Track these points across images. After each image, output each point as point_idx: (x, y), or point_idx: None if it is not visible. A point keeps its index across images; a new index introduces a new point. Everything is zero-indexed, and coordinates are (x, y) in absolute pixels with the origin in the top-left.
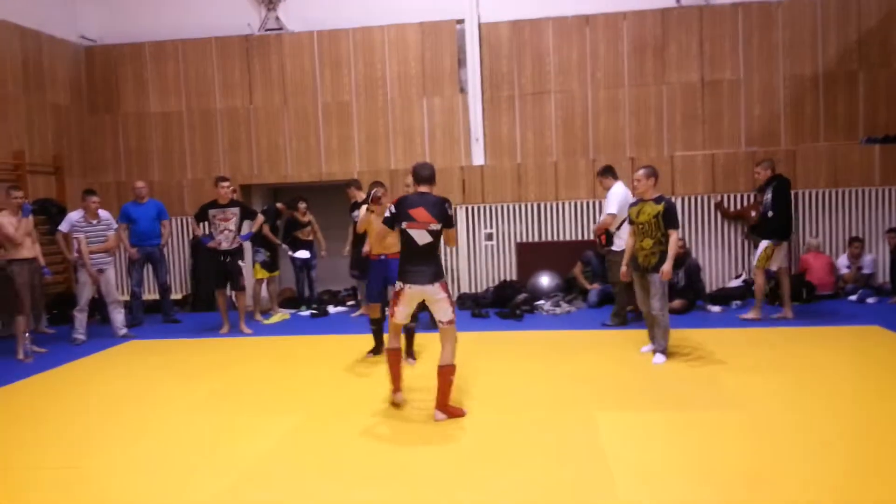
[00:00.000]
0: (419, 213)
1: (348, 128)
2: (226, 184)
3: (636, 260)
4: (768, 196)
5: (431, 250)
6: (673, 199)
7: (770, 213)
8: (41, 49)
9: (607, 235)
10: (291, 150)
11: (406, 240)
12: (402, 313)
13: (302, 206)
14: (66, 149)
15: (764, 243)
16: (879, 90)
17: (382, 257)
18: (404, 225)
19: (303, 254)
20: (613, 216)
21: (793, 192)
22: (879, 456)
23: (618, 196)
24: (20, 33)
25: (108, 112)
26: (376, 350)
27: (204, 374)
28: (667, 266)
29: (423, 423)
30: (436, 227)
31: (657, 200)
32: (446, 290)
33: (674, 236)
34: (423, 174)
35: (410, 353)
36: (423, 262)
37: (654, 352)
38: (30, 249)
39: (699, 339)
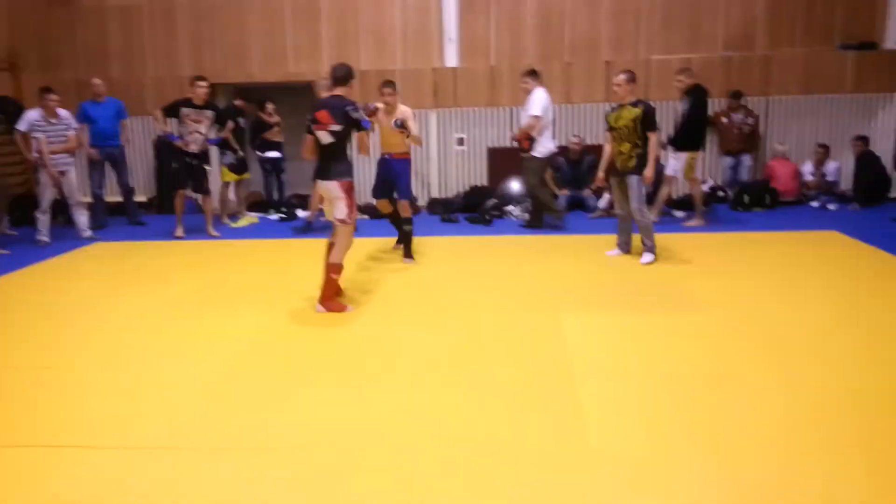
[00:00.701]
0: (322, 115)
1: (316, 25)
2: (203, 83)
3: (613, 165)
4: (686, 106)
5: (333, 150)
6: (652, 104)
7: (688, 123)
8: None
9: (530, 141)
10: (258, 48)
11: (315, 140)
12: (323, 208)
13: (269, 106)
14: (21, 43)
15: (683, 154)
16: None
17: (386, 156)
18: (313, 127)
19: (273, 153)
20: (538, 118)
21: (764, 99)
22: (832, 356)
23: (541, 100)
24: None
25: (66, 5)
26: (399, 239)
27: (171, 276)
28: (648, 170)
29: (395, 324)
30: (336, 127)
31: (634, 104)
32: (345, 191)
33: (653, 139)
34: (335, 76)
35: (408, 254)
36: (325, 161)
37: (643, 252)
38: None
39: (664, 243)
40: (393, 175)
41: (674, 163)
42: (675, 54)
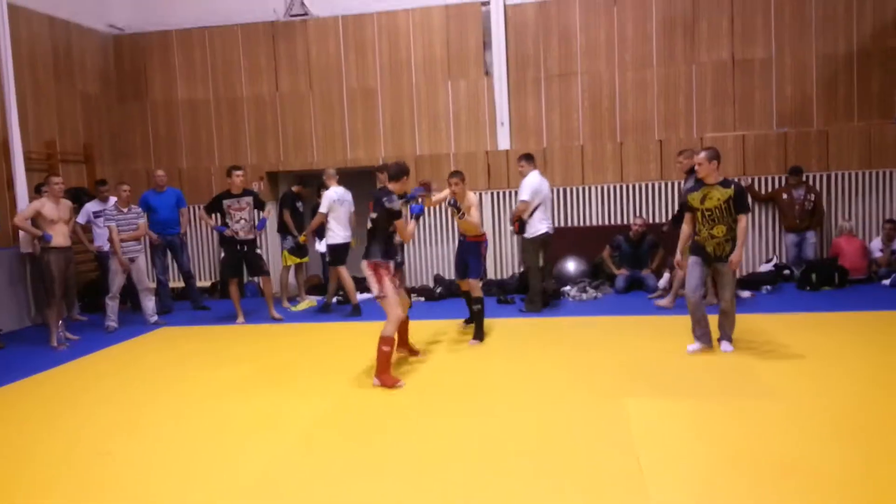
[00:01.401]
0: (370, 204)
1: (373, 113)
2: (239, 172)
3: (703, 249)
4: (689, 184)
5: (372, 233)
6: (742, 183)
7: (676, 212)
8: (70, 39)
9: (520, 223)
10: (317, 136)
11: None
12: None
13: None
14: (95, 137)
15: None
16: None
17: (462, 238)
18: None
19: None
20: (526, 203)
21: (825, 174)
22: None
23: (531, 185)
24: (50, 23)
25: (137, 100)
26: (469, 318)
27: (235, 360)
28: (737, 254)
29: (453, 410)
30: (373, 215)
31: (724, 184)
32: (372, 269)
33: (743, 221)
34: (388, 172)
35: (476, 335)
36: (367, 242)
37: (720, 340)
38: (65, 238)
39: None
40: (466, 255)
41: None
42: (728, 132)
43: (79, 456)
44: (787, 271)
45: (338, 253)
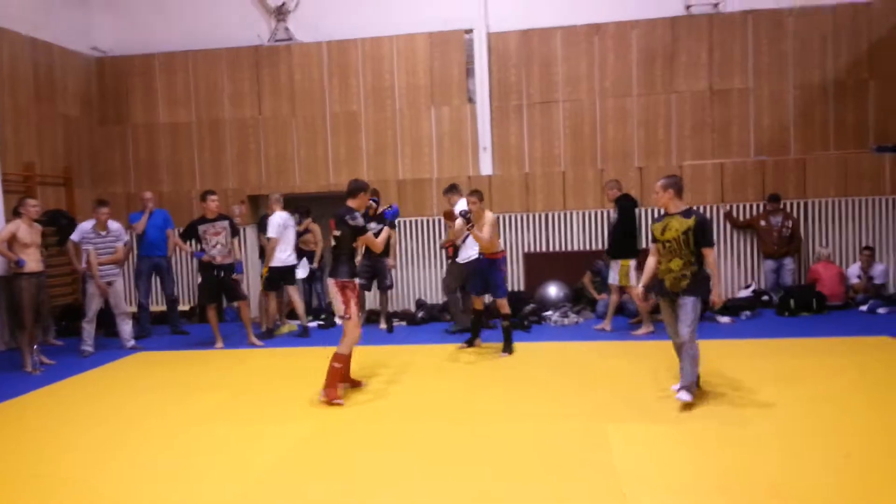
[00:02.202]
0: (331, 223)
1: (356, 137)
2: (214, 197)
3: (662, 284)
4: (615, 214)
5: (337, 252)
6: (704, 213)
7: (618, 232)
8: (53, 60)
9: (454, 248)
10: (300, 160)
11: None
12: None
13: (295, 216)
14: (76, 160)
15: (619, 262)
16: (890, 99)
17: (480, 256)
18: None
19: (300, 273)
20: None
21: (802, 201)
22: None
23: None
24: (32, 44)
25: (118, 123)
26: (470, 341)
27: (212, 385)
28: (716, 292)
29: (432, 435)
30: (337, 233)
31: (685, 214)
32: (339, 288)
33: (710, 256)
34: (347, 189)
35: (506, 349)
36: (332, 261)
37: (680, 388)
38: (37, 263)
39: (709, 350)
40: (487, 274)
41: (612, 273)
42: (707, 159)
43: (54, 481)
44: (765, 297)
45: (284, 275)
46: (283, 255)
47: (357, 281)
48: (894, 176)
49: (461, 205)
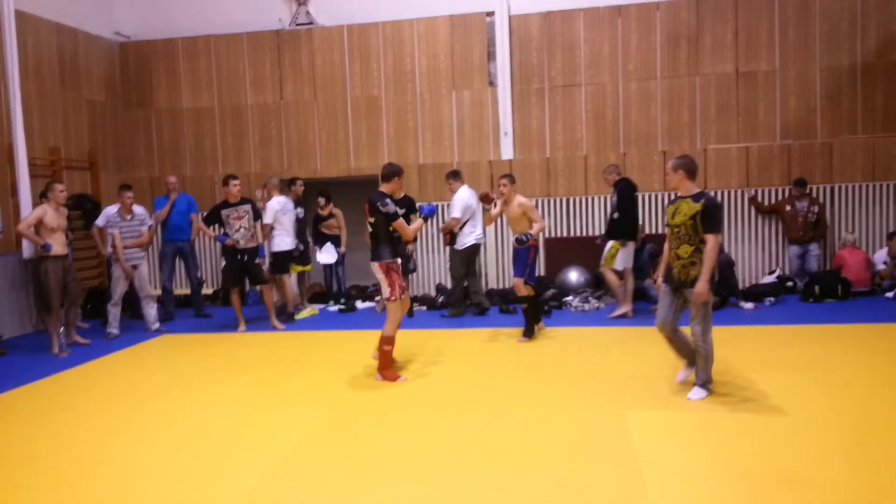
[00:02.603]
0: (366, 208)
1: (377, 122)
2: (236, 182)
3: (670, 272)
4: (614, 198)
5: (374, 237)
6: (716, 197)
7: (616, 215)
8: (77, 46)
9: (451, 235)
10: (321, 144)
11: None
12: None
13: (321, 200)
14: (100, 144)
15: (610, 243)
16: None
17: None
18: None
19: (325, 257)
20: (457, 220)
21: (828, 186)
22: None
23: (462, 200)
24: (57, 30)
25: (142, 108)
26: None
27: (234, 368)
28: (701, 284)
29: (453, 420)
30: (370, 219)
31: (696, 198)
32: (384, 271)
33: (711, 242)
34: (381, 174)
35: (527, 333)
36: (372, 245)
37: (694, 384)
38: (63, 246)
39: (733, 336)
40: (515, 256)
41: (623, 256)
42: (732, 143)
43: (78, 461)
44: (790, 283)
45: (282, 261)
46: (287, 239)
47: (399, 260)
48: None
49: (461, 192)
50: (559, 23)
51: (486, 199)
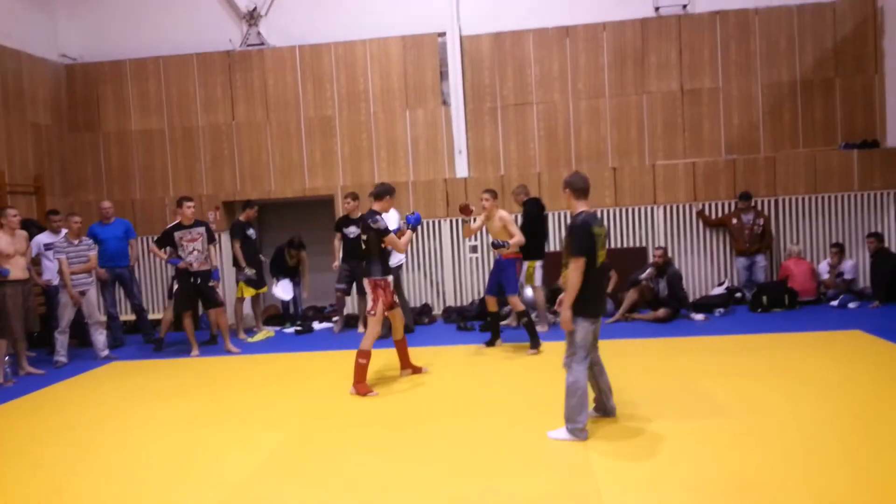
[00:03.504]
0: (360, 226)
1: (331, 142)
2: (190, 203)
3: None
4: (521, 219)
5: (367, 254)
6: (588, 217)
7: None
8: (21, 68)
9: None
10: (274, 165)
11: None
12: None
13: (291, 251)
14: (46, 168)
15: (525, 263)
16: (856, 96)
17: (497, 257)
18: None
19: (281, 293)
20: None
21: (773, 199)
22: (869, 460)
23: (394, 220)
24: (0, 52)
25: (89, 130)
26: (490, 341)
27: (189, 393)
28: (562, 312)
29: (410, 435)
30: (364, 237)
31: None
32: (371, 287)
33: (571, 266)
34: (374, 193)
35: (534, 345)
36: (363, 261)
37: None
38: (22, 271)
39: (685, 347)
40: (501, 273)
41: (539, 273)
42: (679, 159)
43: (33, 494)
44: (738, 294)
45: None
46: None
47: (389, 277)
48: (862, 172)
49: (389, 214)
50: (510, 43)
51: (465, 211)
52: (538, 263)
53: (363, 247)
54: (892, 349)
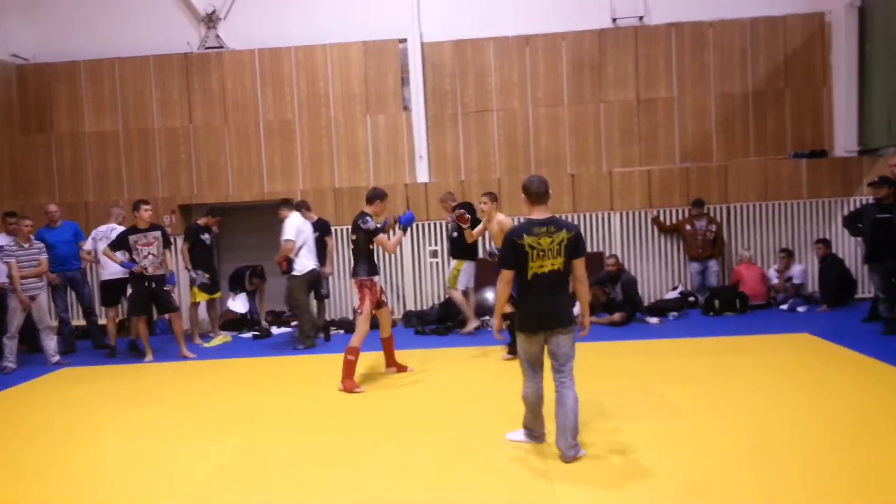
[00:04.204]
0: (351, 229)
1: (291, 146)
2: (147, 207)
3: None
4: (452, 224)
5: (355, 254)
6: (522, 226)
7: (455, 234)
8: None
9: (288, 261)
10: (233, 168)
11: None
12: None
13: (255, 280)
14: None
15: (453, 263)
16: (805, 108)
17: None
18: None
19: (237, 306)
20: (292, 242)
21: (725, 206)
22: (817, 459)
23: (294, 225)
24: None
25: (41, 132)
26: (510, 349)
27: (142, 399)
28: (495, 321)
29: (368, 441)
30: (353, 237)
31: None
32: (357, 286)
33: (498, 278)
34: (366, 196)
35: (512, 350)
36: (353, 263)
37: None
38: None
39: (640, 349)
40: (494, 277)
41: (465, 275)
42: (635, 167)
43: None
44: (692, 298)
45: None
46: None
47: (375, 277)
48: (811, 181)
49: (293, 218)
50: (470, 51)
51: (461, 220)
52: (464, 265)
53: (352, 247)
54: (838, 351)
